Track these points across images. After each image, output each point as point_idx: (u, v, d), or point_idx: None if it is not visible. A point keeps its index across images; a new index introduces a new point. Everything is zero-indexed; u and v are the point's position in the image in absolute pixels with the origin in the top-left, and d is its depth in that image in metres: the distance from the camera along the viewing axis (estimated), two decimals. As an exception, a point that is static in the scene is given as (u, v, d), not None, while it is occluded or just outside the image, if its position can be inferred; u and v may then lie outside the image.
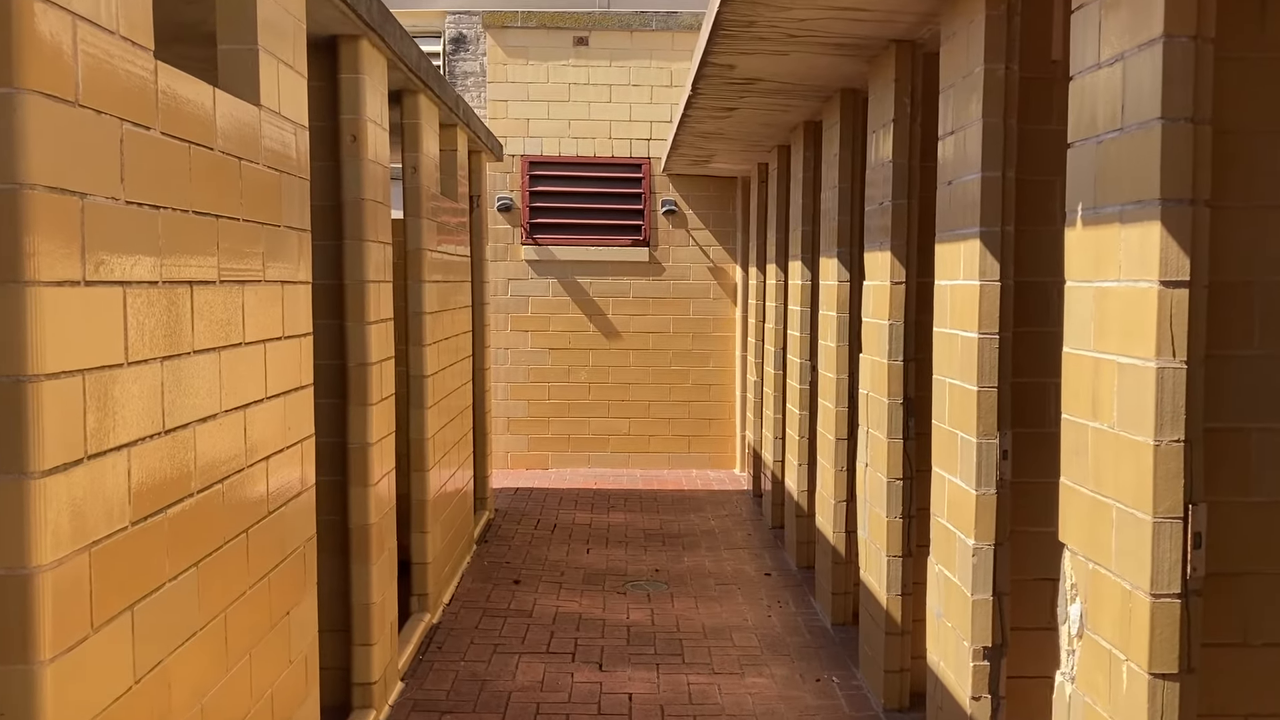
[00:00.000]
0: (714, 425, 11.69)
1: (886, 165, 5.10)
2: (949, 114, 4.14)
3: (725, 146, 9.13)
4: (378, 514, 5.06)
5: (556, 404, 11.61)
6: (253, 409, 3.27)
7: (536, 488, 10.69)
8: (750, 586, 7.31)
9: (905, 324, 5.04)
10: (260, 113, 3.36)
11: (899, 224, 5.03)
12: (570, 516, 9.43)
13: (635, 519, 9.36)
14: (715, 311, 11.64)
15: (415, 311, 6.31)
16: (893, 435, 5.07)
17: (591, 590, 7.19)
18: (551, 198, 11.55)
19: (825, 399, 6.54)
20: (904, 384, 5.06)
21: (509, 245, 11.54)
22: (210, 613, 2.93)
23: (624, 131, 11.51)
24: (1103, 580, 2.79)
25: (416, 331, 6.31)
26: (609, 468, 11.64)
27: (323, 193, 4.95)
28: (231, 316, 3.10)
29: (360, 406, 4.93)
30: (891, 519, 5.09)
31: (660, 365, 11.62)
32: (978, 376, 3.80)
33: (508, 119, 11.47)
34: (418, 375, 6.32)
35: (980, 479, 3.82)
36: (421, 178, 6.29)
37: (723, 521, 9.29)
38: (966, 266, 3.90)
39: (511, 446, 11.62)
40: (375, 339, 5.03)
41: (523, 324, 11.57)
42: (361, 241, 4.91)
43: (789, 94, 6.49)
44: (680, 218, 11.58)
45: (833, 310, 6.36)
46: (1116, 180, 2.71)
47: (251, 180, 3.26)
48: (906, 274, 5.03)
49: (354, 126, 4.89)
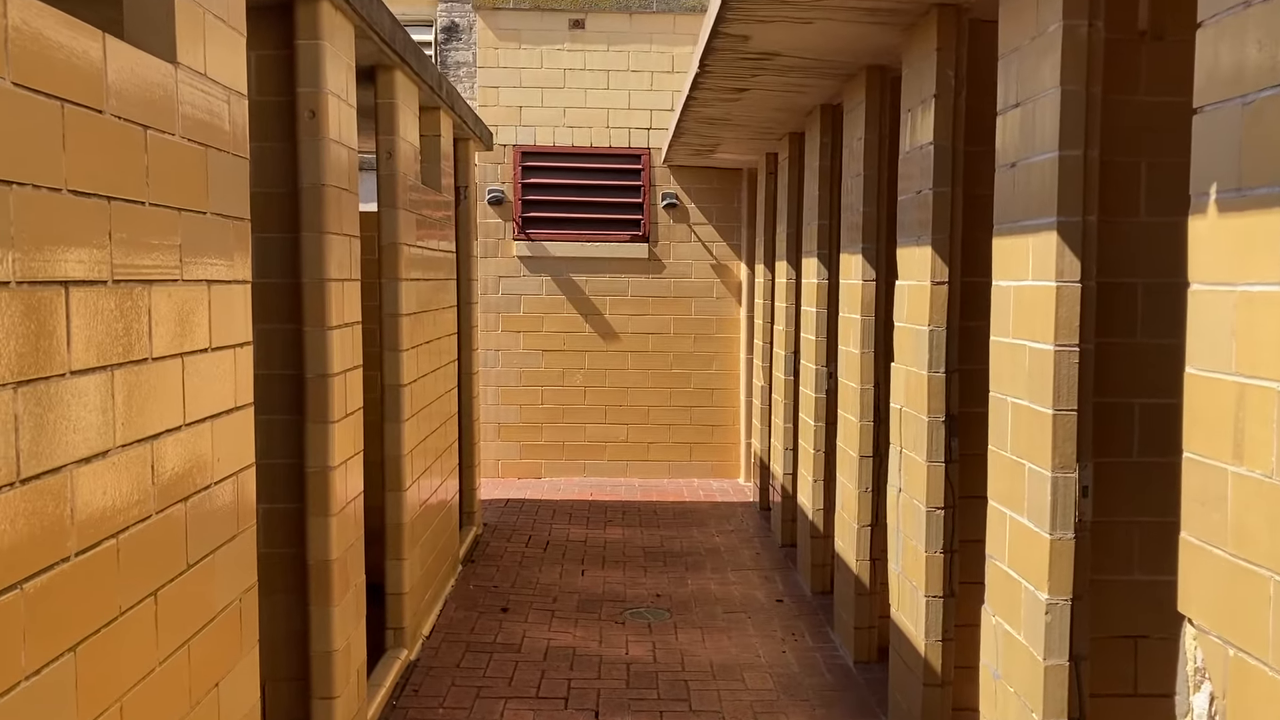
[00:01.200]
0: (717, 432, 11.03)
1: (925, 149, 4.45)
2: (1011, 84, 3.49)
3: (732, 134, 8.47)
4: (341, 546, 4.41)
5: (550, 409, 10.96)
6: (165, 440, 2.61)
7: (528, 499, 10.04)
8: (761, 615, 6.66)
9: (948, 330, 4.39)
10: (177, 72, 2.70)
11: (941, 215, 4.38)
12: (564, 532, 8.78)
13: (634, 535, 8.71)
14: (719, 311, 10.99)
15: (391, 313, 5.65)
16: (933, 458, 4.42)
17: (587, 619, 6.53)
18: (545, 190, 10.89)
19: (847, 411, 5.89)
20: (946, 399, 4.41)
21: (500, 240, 10.88)
22: (95, 709, 2.28)
23: (622, 120, 10.85)
24: (1250, 673, 2.14)
25: (392, 335, 5.65)
26: (606, 477, 10.99)
27: (278, 178, 4.30)
28: (131, 326, 2.44)
29: (320, 424, 4.27)
30: (931, 553, 4.44)
31: (660, 368, 10.97)
32: (1053, 397, 3.15)
33: (499, 106, 10.80)
34: (393, 384, 5.66)
35: (1055, 520, 3.17)
36: (398, 164, 5.63)
37: (728, 538, 8.64)
38: (1038, 264, 3.24)
39: (502, 454, 10.96)
40: (339, 346, 4.38)
41: (514, 324, 10.91)
42: (321, 234, 4.25)
43: (808, 71, 5.83)
44: (682, 212, 10.93)
45: (856, 313, 5.71)
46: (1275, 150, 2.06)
47: (163, 155, 2.61)
48: (950, 272, 4.38)
49: (313, 101, 4.23)
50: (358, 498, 4.70)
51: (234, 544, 3.11)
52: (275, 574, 4.39)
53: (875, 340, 5.61)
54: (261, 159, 4.30)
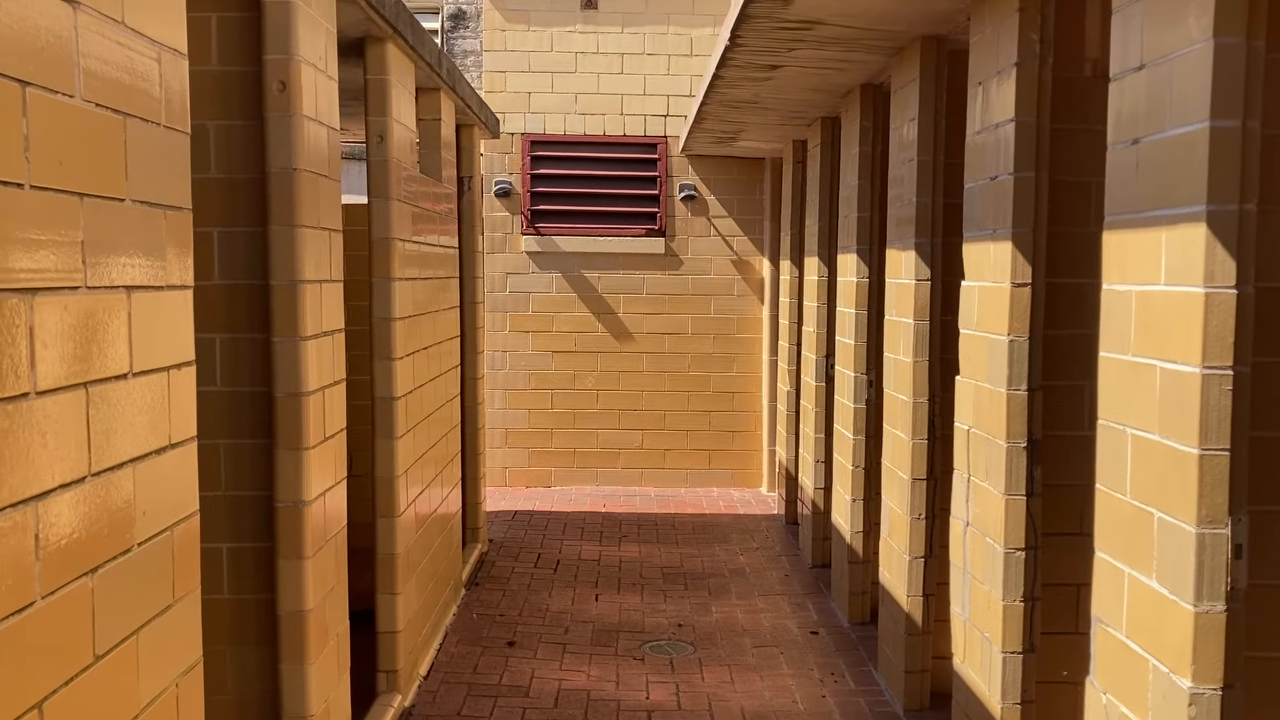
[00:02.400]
0: (738, 439, 10.38)
1: (1003, 127, 3.79)
2: (1133, 40, 2.82)
3: (758, 119, 7.81)
4: (318, 593, 3.78)
5: (560, 413, 10.32)
6: (56, 500, 1.98)
7: (537, 511, 9.40)
8: (795, 650, 6.01)
9: (1031, 340, 3.73)
10: (76, 15, 2.06)
11: (1023, 205, 3.72)
12: (575, 549, 8.14)
13: (651, 552, 8.06)
14: (740, 310, 10.33)
15: (383, 317, 5.01)
16: (1012, 490, 3.77)
17: (602, 654, 5.90)
18: (556, 181, 10.24)
19: (896, 426, 5.23)
20: (1028, 422, 3.75)
21: (507, 235, 10.24)
22: None
23: (637, 107, 10.19)
24: None
25: (384, 342, 5.01)
26: (620, 485, 10.35)
27: (246, 161, 3.67)
28: (3, 350, 1.81)
29: (291, 451, 3.63)
30: (1009, 602, 3.79)
31: (677, 370, 10.31)
32: (1200, 434, 2.49)
33: (506, 92, 10.15)
34: (385, 397, 5.02)
35: (1201, 588, 2.51)
36: (391, 149, 4.98)
37: (753, 557, 7.99)
38: (1177, 264, 2.58)
39: (510, 461, 10.33)
40: (315, 359, 3.74)
41: (523, 324, 10.27)
42: (293, 227, 3.61)
43: (852, 43, 5.17)
44: (700, 204, 10.27)
45: (907, 316, 5.05)
46: None
47: (53, 122, 1.97)
48: (1034, 273, 3.72)
49: (282, 70, 3.59)
50: (340, 533, 4.07)
51: (168, 616, 2.47)
52: (247, 623, 3.77)
53: (930, 347, 4.95)
54: (227, 141, 3.67)
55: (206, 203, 3.68)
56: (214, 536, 3.74)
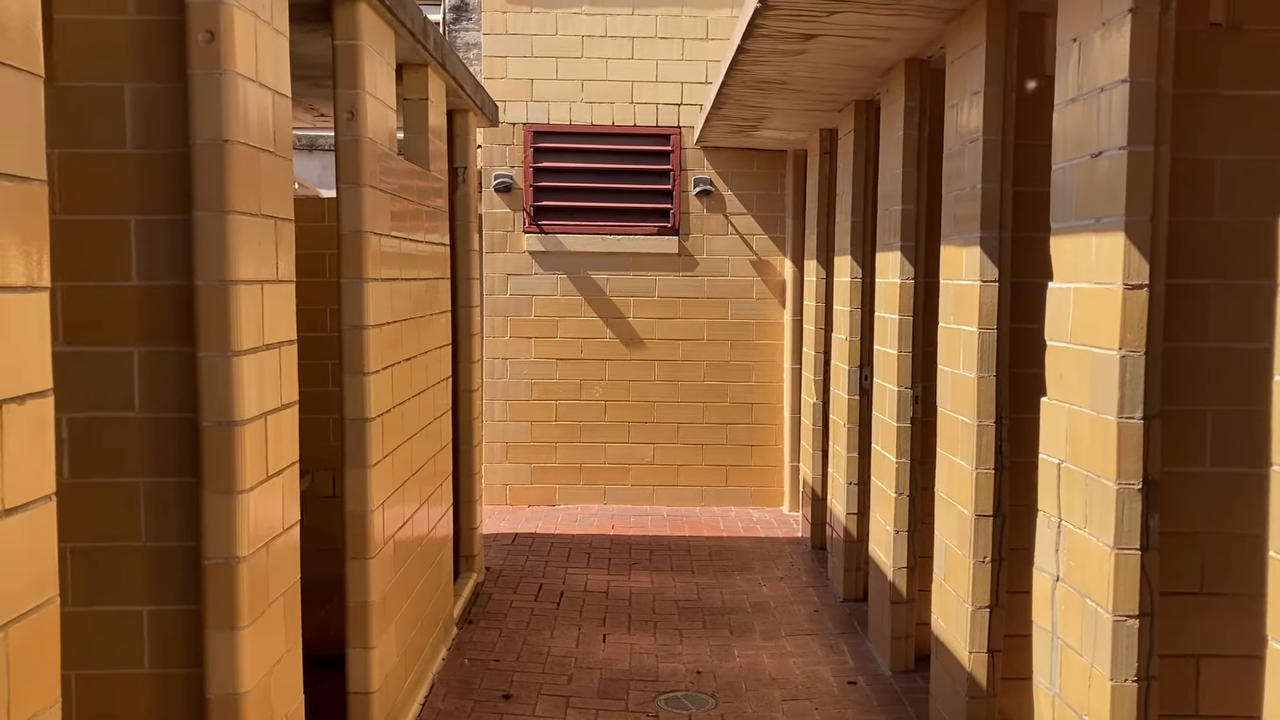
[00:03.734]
0: (757, 453, 9.63)
1: (1108, 92, 3.04)
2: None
3: (784, 104, 7.07)
4: (257, 671, 3.04)
5: (566, 426, 9.58)
6: None
7: (540, 534, 8.65)
8: (832, 705, 5.25)
9: (1148, 357, 2.98)
10: None
11: (1140, 188, 2.96)
12: (581, 579, 7.39)
13: (665, 582, 7.32)
14: (759, 314, 9.58)
15: (354, 325, 4.28)
16: (1123, 542, 3.01)
17: (610, 709, 5.15)
18: (560, 176, 9.50)
19: (954, 452, 4.48)
20: (1144, 458, 2.99)
21: (508, 234, 9.51)
22: None
23: (649, 95, 9.46)
24: None
25: (355, 354, 4.28)
26: (629, 504, 9.60)
27: (169, 133, 2.94)
28: None
29: (222, 495, 2.90)
30: (1118, 681, 3.03)
31: (692, 379, 9.57)
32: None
33: (507, 79, 9.42)
34: (357, 419, 4.29)
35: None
36: (364, 127, 4.25)
37: (777, 587, 7.24)
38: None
39: (511, 478, 9.59)
40: (254, 378, 3.01)
41: (524, 329, 9.53)
42: (223, 214, 2.88)
43: (903, 5, 4.43)
44: (717, 200, 9.52)
45: (969, 323, 4.30)
46: None
47: None
48: (1152, 273, 2.97)
49: (209, 19, 2.85)
50: (291, 589, 3.33)
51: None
52: (173, 706, 3.04)
53: (999, 361, 4.20)
54: (147, 107, 2.94)
55: (122, 184, 2.96)
56: (132, 597, 3.02)
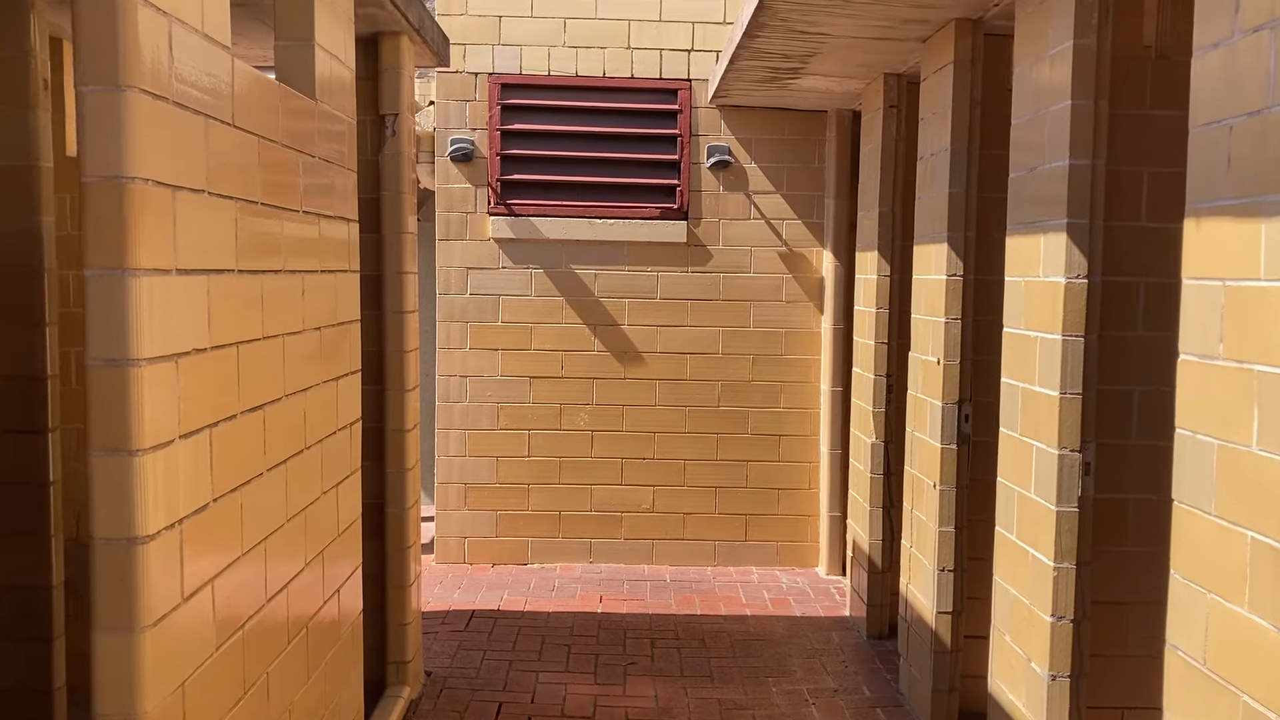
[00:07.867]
0: (785, 499, 7.57)
1: None
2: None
3: (843, 33, 5.00)
4: None
5: (541, 463, 7.50)
6: None
7: (505, 611, 6.57)
8: None
9: None
10: None
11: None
12: (558, 692, 5.31)
13: (674, 699, 5.25)
14: (790, 321, 7.52)
15: (104, 359, 2.19)
16: None
17: None
18: (536, 141, 7.41)
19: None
20: None
21: (469, 215, 7.41)
22: None
23: (651, 38, 7.37)
24: None
25: (112, 414, 2.19)
26: (622, 563, 7.53)
27: None
28: None
29: None
30: None
31: (703, 404, 7.50)
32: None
33: (467, 15, 7.32)
34: (112, 539, 2.19)
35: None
36: (134, -25, 2.16)
37: (829, 704, 5.17)
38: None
39: (470, 529, 7.50)
40: None
41: (489, 338, 7.44)
42: None
43: None
44: (737, 174, 7.45)
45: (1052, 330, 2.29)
46: None
47: None
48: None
49: None
50: None
51: None
52: None
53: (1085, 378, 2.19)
54: None
55: None
56: None
